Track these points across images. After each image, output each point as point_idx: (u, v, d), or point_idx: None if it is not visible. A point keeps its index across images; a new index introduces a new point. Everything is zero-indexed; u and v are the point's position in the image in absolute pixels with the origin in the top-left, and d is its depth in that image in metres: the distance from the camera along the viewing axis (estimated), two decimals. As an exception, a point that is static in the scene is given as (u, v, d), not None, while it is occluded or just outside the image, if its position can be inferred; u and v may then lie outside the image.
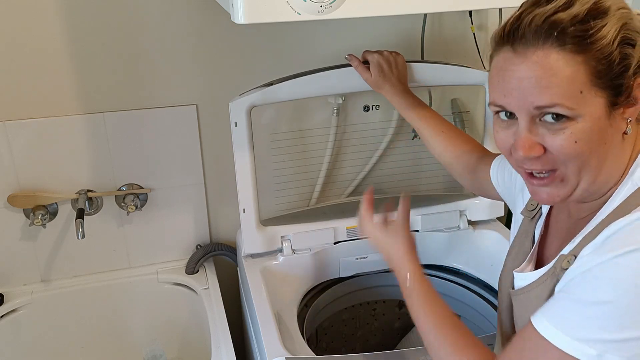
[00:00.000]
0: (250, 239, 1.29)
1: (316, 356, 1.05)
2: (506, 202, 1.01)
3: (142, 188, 1.43)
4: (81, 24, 1.26)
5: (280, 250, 1.30)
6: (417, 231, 1.36)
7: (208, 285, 1.45)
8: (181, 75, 1.35)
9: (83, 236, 1.27)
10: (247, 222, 1.27)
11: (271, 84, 1.19)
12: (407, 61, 1.23)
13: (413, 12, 0.94)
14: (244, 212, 1.26)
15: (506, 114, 0.71)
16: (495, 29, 0.72)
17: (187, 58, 1.34)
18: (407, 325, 1.48)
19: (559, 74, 0.64)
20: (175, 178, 1.44)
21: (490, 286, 1.32)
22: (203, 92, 1.38)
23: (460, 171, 1.12)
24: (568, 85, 0.64)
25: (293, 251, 1.30)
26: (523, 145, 0.69)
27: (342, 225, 1.33)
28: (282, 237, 1.30)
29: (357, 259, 1.34)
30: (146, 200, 1.44)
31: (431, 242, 1.38)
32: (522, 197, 0.92)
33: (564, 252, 0.73)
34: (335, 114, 1.42)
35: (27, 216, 1.37)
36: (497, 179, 1.01)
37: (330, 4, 0.86)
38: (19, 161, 1.33)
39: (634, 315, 0.61)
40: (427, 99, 1.45)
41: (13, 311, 1.41)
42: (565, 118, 0.66)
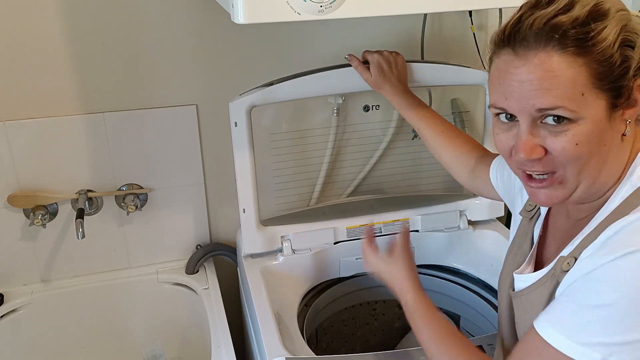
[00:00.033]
0: (250, 239, 1.29)
1: (316, 356, 1.05)
2: (505, 203, 1.02)
3: (142, 188, 1.43)
4: (81, 24, 1.26)
5: (280, 250, 1.30)
6: (417, 231, 1.37)
7: (208, 285, 1.45)
8: (181, 75, 1.35)
9: (83, 236, 1.27)
10: (247, 222, 1.27)
11: (271, 84, 1.19)
12: (407, 61, 1.23)
13: (413, 12, 0.94)
14: (244, 212, 1.26)
15: (506, 116, 0.71)
16: (494, 31, 0.72)
17: (187, 58, 1.34)
18: (407, 325, 1.46)
19: (561, 77, 0.64)
20: (175, 178, 1.44)
21: (490, 286, 1.32)
22: (203, 92, 1.38)
23: (460, 171, 1.12)
24: (570, 87, 0.64)
25: (293, 251, 1.30)
26: (524, 147, 0.69)
27: (342, 225, 1.33)
28: (282, 237, 1.30)
29: (357, 259, 1.34)
30: (146, 200, 1.44)
31: (431, 242, 1.38)
32: (521, 198, 0.92)
33: (564, 254, 0.73)
34: (335, 114, 1.42)
35: (27, 216, 1.37)
36: (497, 180, 1.01)
37: (330, 4, 0.86)
38: (19, 161, 1.33)
39: (636, 317, 0.61)
40: (427, 99, 1.45)
41: (13, 311, 1.41)
42: (566, 120, 0.66)
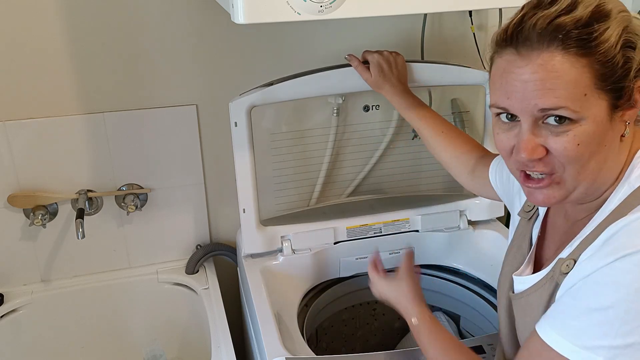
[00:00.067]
0: (250, 239, 1.29)
1: (316, 356, 1.05)
2: (504, 203, 1.02)
3: (142, 188, 1.43)
4: (81, 24, 1.26)
5: (280, 250, 1.30)
6: (417, 231, 1.37)
7: (208, 285, 1.45)
8: (181, 75, 1.35)
9: (83, 236, 1.27)
10: (247, 222, 1.27)
11: (271, 84, 1.19)
12: (407, 61, 1.23)
13: (413, 12, 0.94)
14: (244, 212, 1.26)
15: (507, 116, 0.71)
16: (494, 31, 0.71)
17: (187, 58, 1.34)
18: (407, 325, 1.48)
19: (564, 77, 0.64)
20: (175, 178, 1.44)
21: (490, 286, 1.32)
22: (203, 92, 1.38)
23: (459, 171, 1.12)
24: (573, 88, 0.64)
25: (293, 251, 1.30)
26: (526, 147, 0.68)
27: (342, 225, 1.33)
28: (282, 237, 1.30)
29: (357, 259, 1.34)
30: (146, 200, 1.44)
31: (431, 242, 1.38)
32: (519, 199, 0.92)
33: (563, 256, 0.73)
34: (335, 114, 1.42)
35: (27, 216, 1.37)
36: (496, 180, 1.01)
37: (330, 4, 0.86)
38: (19, 161, 1.33)
39: (637, 319, 0.61)
40: (427, 99, 1.45)
41: (13, 311, 1.41)
42: (568, 120, 0.66)
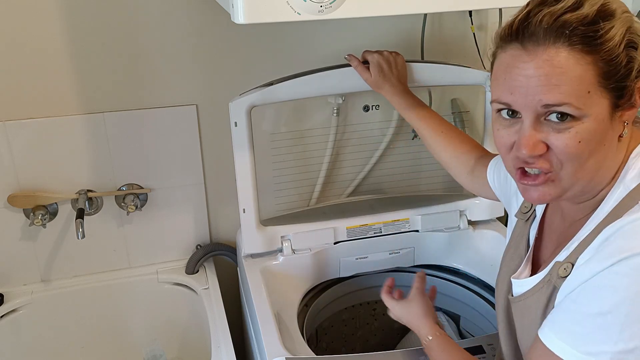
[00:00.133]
0: (250, 239, 1.28)
1: (316, 356, 1.05)
2: (503, 203, 1.01)
3: (142, 188, 1.43)
4: (81, 24, 1.26)
5: (280, 250, 1.30)
6: (417, 231, 1.37)
7: (208, 285, 1.45)
8: (181, 75, 1.35)
9: (83, 236, 1.27)
10: (247, 222, 1.27)
11: (271, 84, 1.19)
12: (407, 61, 1.23)
13: (413, 12, 0.94)
14: (244, 212, 1.26)
15: (508, 113, 0.71)
16: (498, 27, 0.71)
17: (187, 58, 1.34)
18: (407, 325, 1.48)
19: (569, 73, 0.64)
20: (175, 178, 1.44)
21: (490, 286, 1.32)
22: (203, 92, 1.38)
23: (459, 171, 1.12)
24: (577, 84, 0.64)
25: (293, 251, 1.30)
26: (527, 143, 0.68)
27: (342, 225, 1.33)
28: (282, 237, 1.30)
29: (357, 259, 1.34)
30: (146, 200, 1.44)
31: (431, 242, 1.38)
32: (517, 200, 0.92)
33: (559, 259, 0.73)
34: (335, 114, 1.42)
35: (27, 216, 1.37)
36: (494, 180, 1.01)
37: (330, 4, 0.86)
38: (19, 161, 1.33)
39: (637, 323, 0.61)
40: (427, 99, 1.45)
41: (13, 311, 1.41)
42: (570, 117, 0.66)
